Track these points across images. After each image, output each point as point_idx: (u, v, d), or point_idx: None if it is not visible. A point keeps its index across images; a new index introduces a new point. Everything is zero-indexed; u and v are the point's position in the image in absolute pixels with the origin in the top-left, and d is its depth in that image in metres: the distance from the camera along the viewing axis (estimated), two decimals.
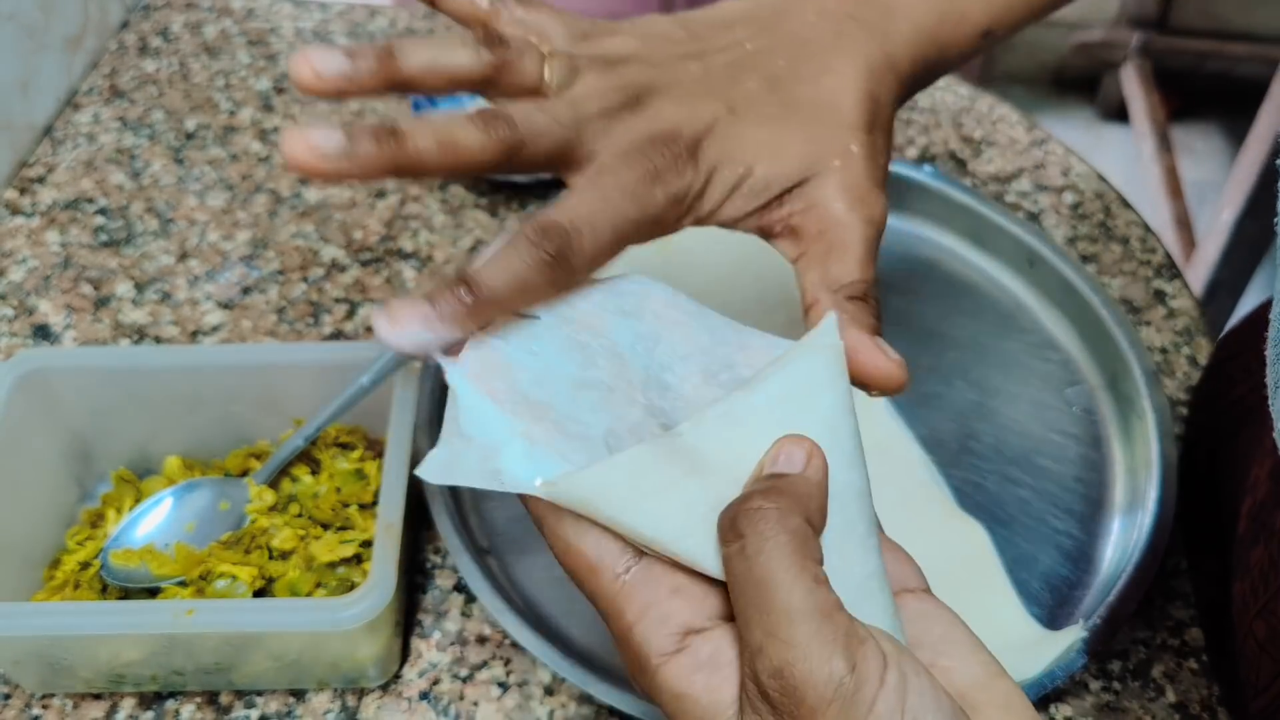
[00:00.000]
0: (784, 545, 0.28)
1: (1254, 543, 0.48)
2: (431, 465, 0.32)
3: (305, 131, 0.34)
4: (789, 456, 0.31)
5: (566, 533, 0.31)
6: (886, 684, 0.27)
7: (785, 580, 0.28)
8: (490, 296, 0.33)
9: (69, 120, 0.79)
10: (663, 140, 0.37)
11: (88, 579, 0.52)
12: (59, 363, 0.54)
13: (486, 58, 0.38)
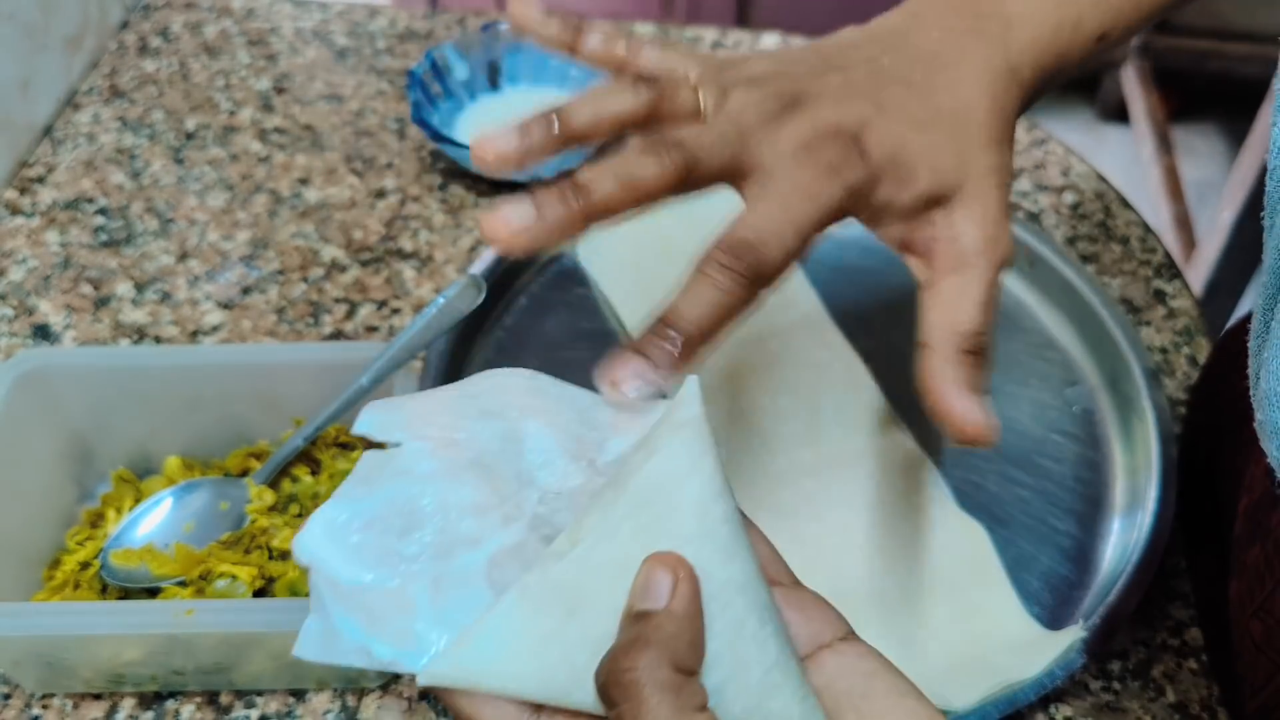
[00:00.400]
0: (658, 707, 0.28)
1: (1251, 542, 0.48)
2: (307, 640, 0.32)
3: (499, 212, 0.35)
4: (654, 588, 0.30)
5: (462, 707, 0.31)
6: None
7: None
8: (696, 331, 0.34)
9: (69, 120, 0.79)
10: (829, 134, 0.38)
11: (88, 579, 0.52)
12: (59, 362, 0.54)
13: (645, 95, 0.40)
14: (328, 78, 0.82)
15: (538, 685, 0.30)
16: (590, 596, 0.30)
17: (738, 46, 0.85)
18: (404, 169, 0.75)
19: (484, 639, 0.30)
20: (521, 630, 0.30)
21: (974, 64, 0.42)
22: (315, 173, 0.75)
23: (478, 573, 0.32)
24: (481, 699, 0.30)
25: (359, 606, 0.31)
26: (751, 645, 0.30)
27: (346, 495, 0.33)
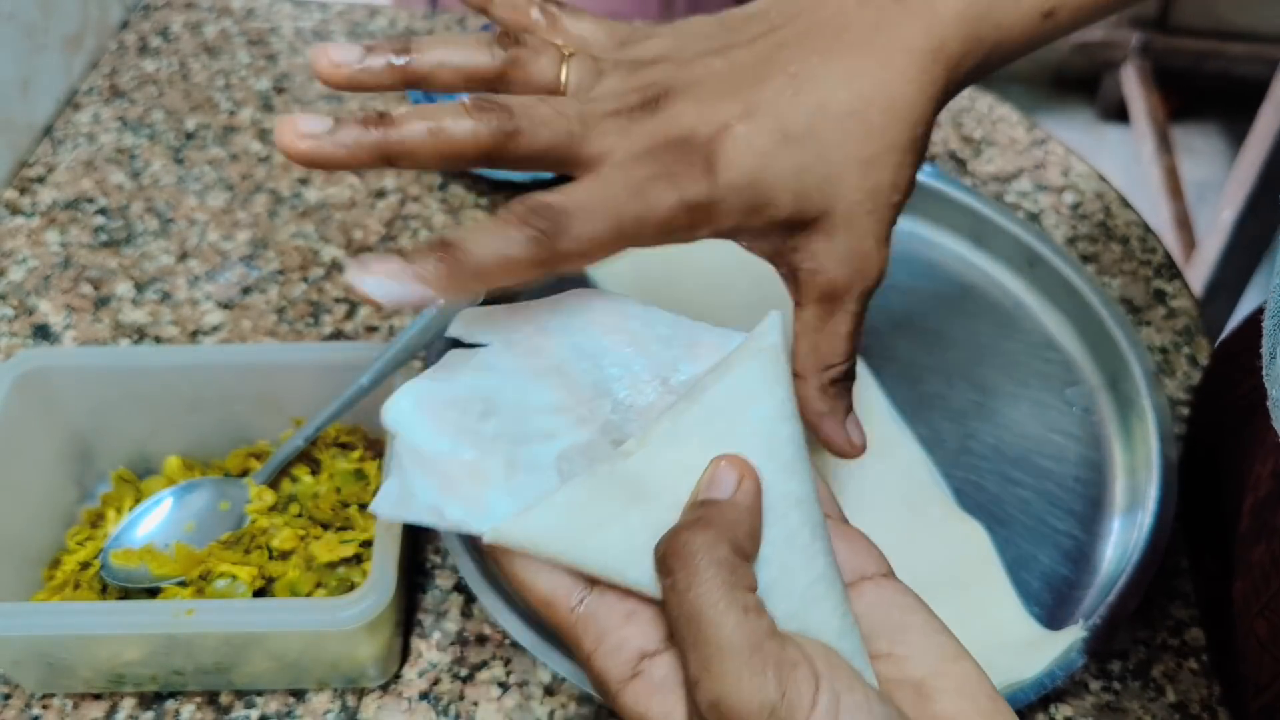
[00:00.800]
0: (712, 579, 0.29)
1: (1255, 541, 0.48)
2: (384, 501, 0.33)
3: (296, 118, 0.35)
4: (720, 481, 0.31)
5: (519, 572, 0.32)
6: (818, 706, 0.28)
7: (714, 615, 0.28)
8: (470, 264, 0.33)
9: (69, 120, 0.79)
10: (677, 144, 0.36)
11: (88, 579, 0.52)
12: (59, 362, 0.54)
13: (500, 55, 0.38)
14: None
15: (596, 558, 0.31)
16: (654, 489, 0.32)
17: None
18: (404, 169, 0.75)
19: (550, 511, 0.32)
20: (586, 508, 0.31)
21: (886, 44, 0.37)
22: (315, 173, 0.75)
23: (548, 463, 0.34)
24: (539, 567, 0.32)
25: (436, 472, 0.33)
26: (801, 556, 0.32)
27: (432, 377, 0.35)
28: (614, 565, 0.31)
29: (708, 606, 0.28)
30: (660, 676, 0.30)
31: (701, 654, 0.28)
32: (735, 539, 0.30)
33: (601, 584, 0.32)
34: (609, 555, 0.31)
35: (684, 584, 0.29)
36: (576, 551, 0.31)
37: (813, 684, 0.28)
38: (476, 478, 0.33)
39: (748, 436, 0.32)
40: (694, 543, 0.29)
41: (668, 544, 0.30)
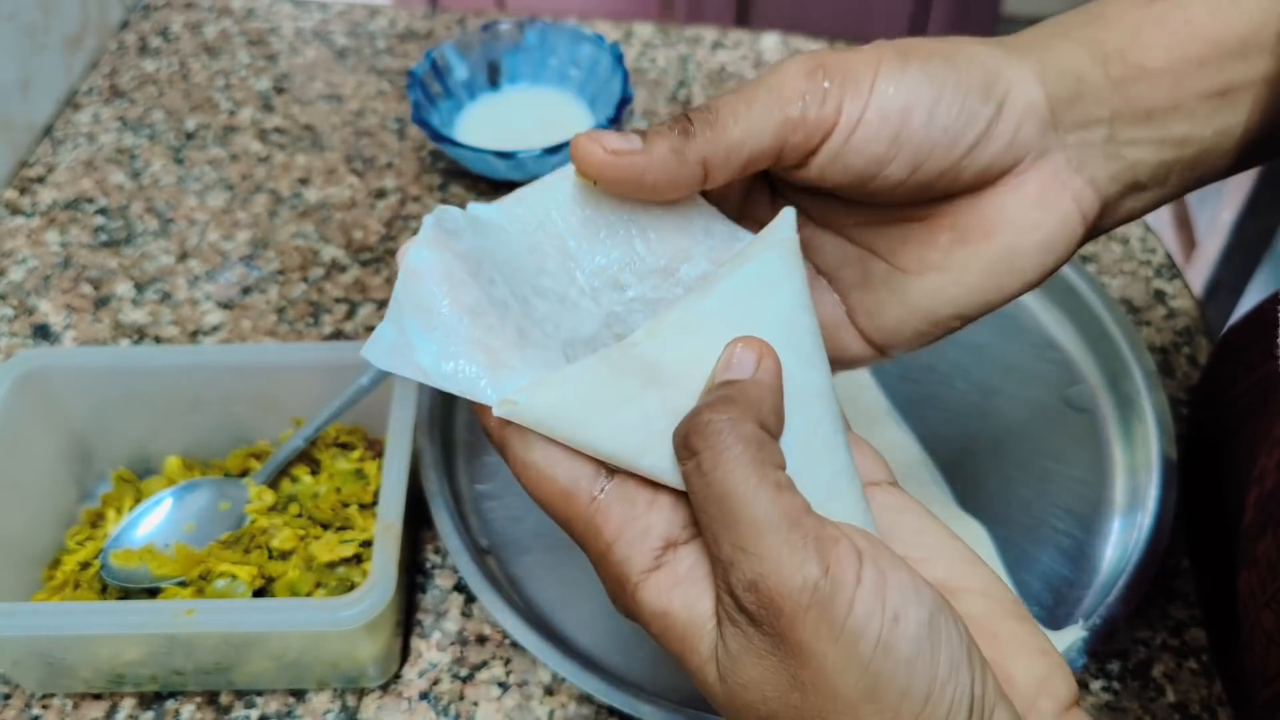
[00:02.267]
0: (740, 456, 0.27)
1: (1261, 533, 0.48)
2: (377, 346, 0.30)
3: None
4: (740, 361, 0.30)
5: (536, 459, 0.30)
6: (863, 582, 0.27)
7: (746, 491, 0.27)
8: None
9: (69, 120, 0.79)
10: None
11: (88, 579, 0.52)
12: (59, 362, 0.54)
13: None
14: (328, 78, 0.82)
15: (613, 441, 0.29)
16: (671, 373, 0.30)
17: (737, 46, 0.85)
18: (404, 169, 0.75)
19: (565, 386, 0.29)
20: (602, 388, 0.29)
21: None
22: (315, 173, 0.75)
23: (555, 344, 0.32)
24: (559, 455, 0.30)
25: (442, 326, 0.30)
26: (823, 449, 0.31)
27: (441, 226, 0.32)
28: (631, 450, 0.29)
29: (739, 483, 0.27)
30: (685, 568, 0.29)
31: (735, 533, 0.27)
32: (761, 415, 0.29)
33: (621, 472, 0.30)
34: (627, 438, 0.29)
35: (710, 463, 0.27)
36: (594, 432, 0.29)
37: (856, 560, 0.27)
38: (486, 340, 0.30)
39: (766, 326, 0.31)
40: (718, 420, 0.28)
41: (689, 424, 0.28)
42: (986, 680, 0.28)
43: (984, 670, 0.28)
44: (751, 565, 0.27)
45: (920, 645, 0.27)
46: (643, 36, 0.85)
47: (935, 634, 0.27)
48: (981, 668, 0.28)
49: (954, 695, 0.27)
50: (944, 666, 0.27)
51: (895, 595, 0.27)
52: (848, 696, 0.27)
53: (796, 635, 0.26)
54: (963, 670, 0.27)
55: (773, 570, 0.26)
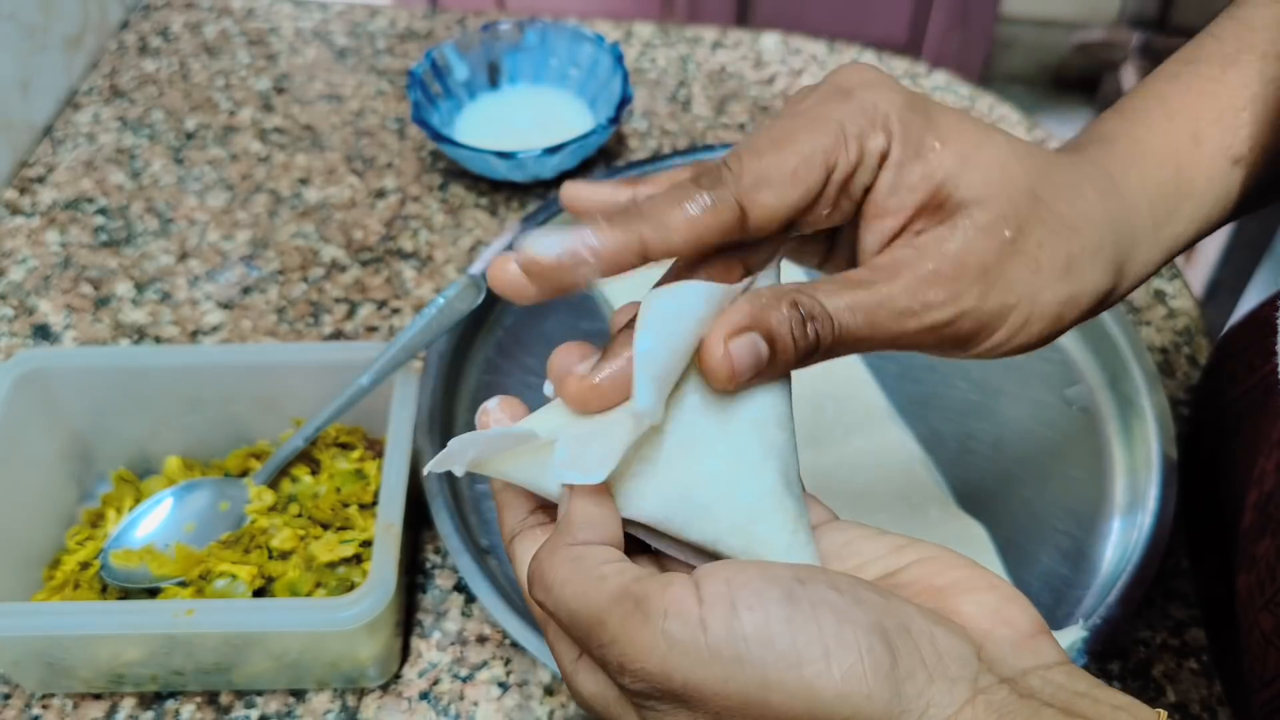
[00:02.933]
0: (566, 580, 0.29)
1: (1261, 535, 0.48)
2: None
3: (520, 252, 0.32)
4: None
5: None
6: (706, 600, 0.27)
7: (578, 605, 0.29)
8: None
9: (69, 120, 0.79)
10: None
11: (88, 579, 0.52)
12: (59, 363, 0.54)
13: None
14: (328, 78, 0.82)
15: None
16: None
17: (738, 46, 0.85)
18: (404, 169, 0.75)
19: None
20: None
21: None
22: (315, 173, 0.75)
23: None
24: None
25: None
26: (749, 473, 0.31)
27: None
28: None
29: (570, 599, 0.29)
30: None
31: (593, 640, 0.28)
32: (572, 533, 0.30)
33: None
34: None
35: (552, 603, 0.29)
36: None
37: (692, 588, 0.28)
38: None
39: (680, 359, 0.31)
40: (540, 563, 0.30)
41: (529, 582, 0.31)
42: (907, 621, 0.28)
43: (897, 612, 0.28)
44: (613, 654, 0.28)
45: (786, 617, 0.27)
46: (643, 36, 0.85)
47: (798, 604, 0.27)
48: (895, 615, 0.28)
49: (854, 640, 0.27)
50: (828, 624, 0.27)
51: (744, 594, 0.27)
52: (749, 697, 0.27)
53: (679, 681, 0.27)
54: (856, 623, 0.27)
55: (625, 644, 0.27)
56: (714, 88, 0.81)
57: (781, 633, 0.27)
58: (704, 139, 0.77)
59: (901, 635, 0.27)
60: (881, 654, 0.27)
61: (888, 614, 0.28)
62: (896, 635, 0.27)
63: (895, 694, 0.26)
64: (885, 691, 0.26)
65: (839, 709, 0.26)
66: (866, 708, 0.26)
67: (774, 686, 0.26)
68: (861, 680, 0.26)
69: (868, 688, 0.26)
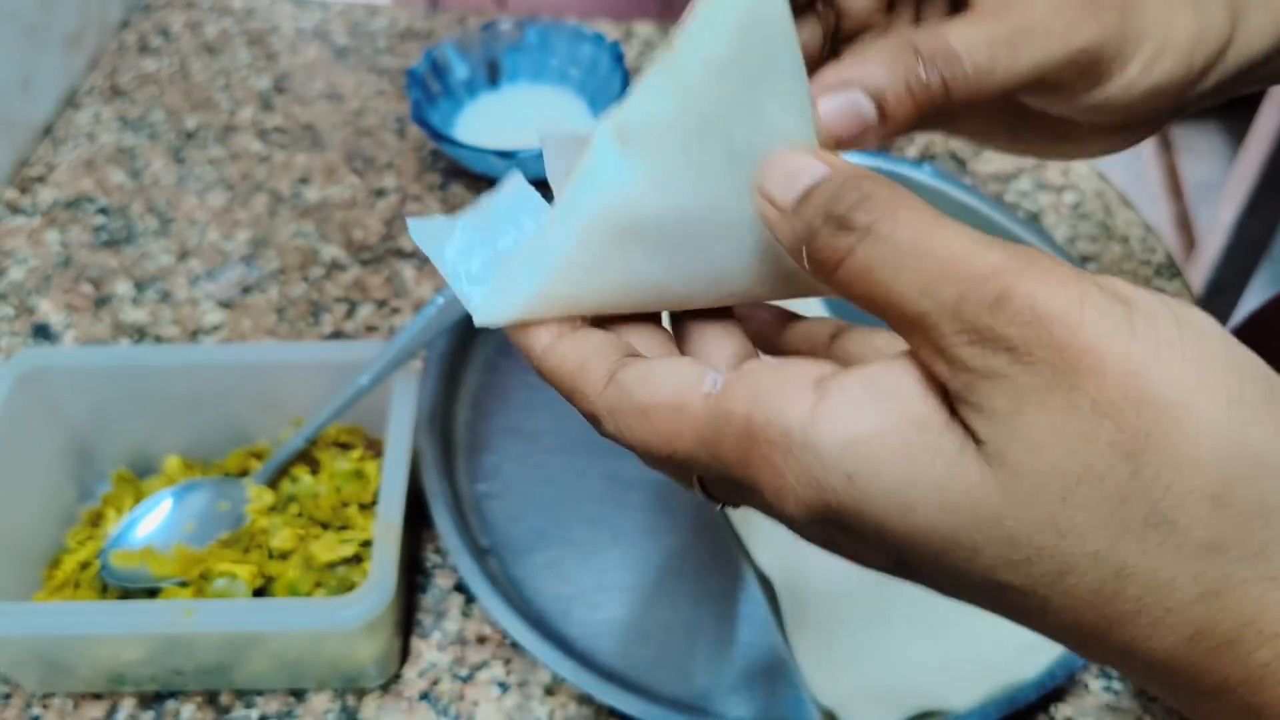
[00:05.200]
0: (917, 204, 0.24)
1: None
2: (425, 225, 0.29)
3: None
4: (803, 170, 0.25)
5: (636, 392, 0.26)
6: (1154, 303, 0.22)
7: (942, 229, 0.24)
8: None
9: (69, 119, 0.79)
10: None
11: (88, 579, 0.52)
12: (59, 362, 0.54)
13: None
14: (328, 77, 0.82)
15: (625, 290, 0.27)
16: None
17: None
18: (404, 168, 0.75)
19: (537, 264, 0.27)
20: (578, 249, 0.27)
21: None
22: (315, 172, 0.75)
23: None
24: (569, 346, 0.27)
25: (492, 241, 0.29)
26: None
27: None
28: (650, 290, 0.27)
29: (932, 224, 0.24)
30: (860, 390, 0.23)
31: (946, 270, 0.23)
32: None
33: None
34: (639, 284, 0.27)
35: (888, 226, 0.24)
36: (590, 297, 0.27)
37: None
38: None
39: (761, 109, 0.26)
40: (878, 191, 0.24)
41: (840, 201, 0.24)
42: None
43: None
44: (988, 287, 0.21)
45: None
46: (643, 35, 0.85)
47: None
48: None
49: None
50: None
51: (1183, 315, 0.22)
52: (1203, 404, 0.21)
53: (1081, 341, 0.21)
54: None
55: (1021, 272, 0.21)
56: None
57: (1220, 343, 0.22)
58: None
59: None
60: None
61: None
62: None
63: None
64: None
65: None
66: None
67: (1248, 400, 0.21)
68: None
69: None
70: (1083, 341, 0.21)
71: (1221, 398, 0.21)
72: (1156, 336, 0.21)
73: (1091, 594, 0.21)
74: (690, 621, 0.52)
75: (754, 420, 0.24)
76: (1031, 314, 0.21)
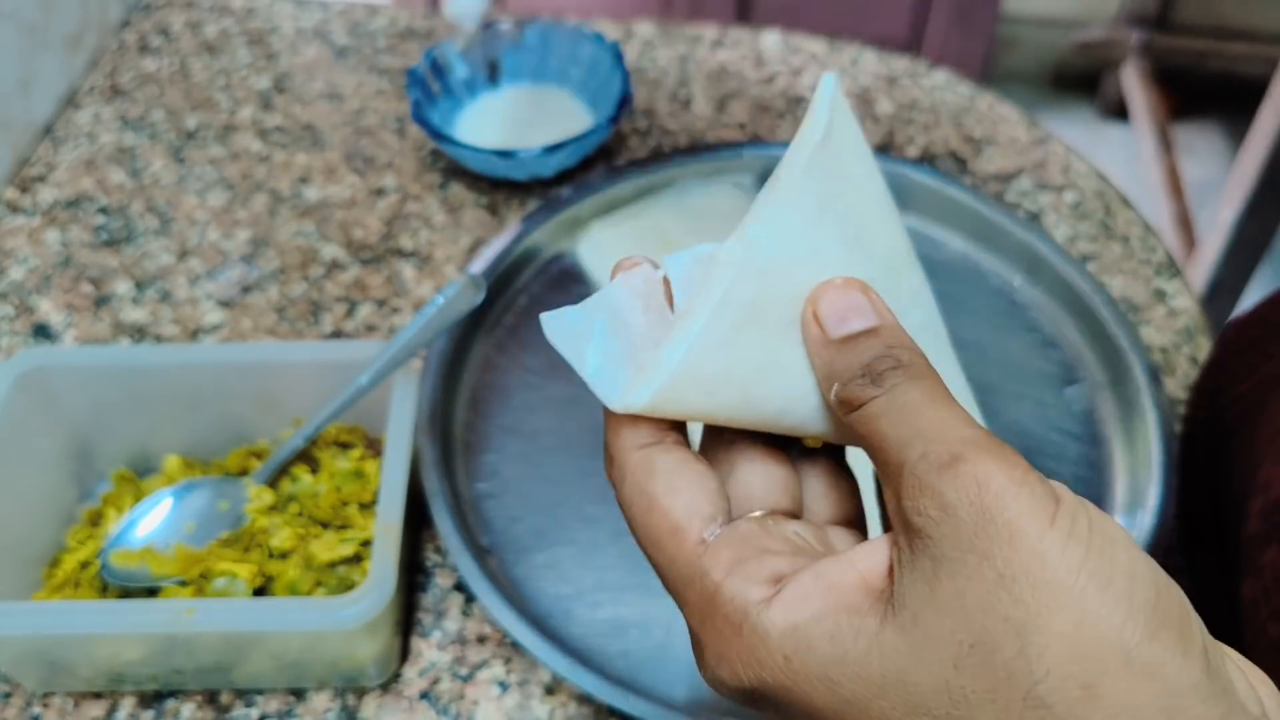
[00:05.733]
0: (933, 378, 0.27)
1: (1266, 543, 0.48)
2: (559, 324, 0.30)
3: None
4: (858, 309, 0.28)
5: (655, 488, 0.29)
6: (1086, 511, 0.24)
7: (944, 406, 0.26)
8: None
9: (69, 119, 0.79)
10: None
11: (88, 578, 0.52)
12: (59, 362, 0.54)
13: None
14: (328, 77, 0.82)
15: (750, 402, 0.29)
16: (775, 310, 0.29)
17: (738, 45, 0.85)
18: (404, 168, 0.75)
19: (680, 356, 0.28)
20: (726, 347, 0.29)
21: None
22: (315, 171, 0.75)
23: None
24: (681, 488, 0.29)
25: (623, 336, 0.30)
26: (930, 354, 0.30)
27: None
28: (774, 406, 0.29)
29: (937, 394, 0.27)
30: (810, 583, 0.26)
31: (936, 431, 0.25)
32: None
33: (734, 516, 0.29)
34: (765, 394, 0.29)
35: (904, 389, 0.27)
36: (724, 398, 0.28)
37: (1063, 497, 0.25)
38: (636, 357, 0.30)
39: (855, 229, 0.29)
40: (907, 358, 0.27)
41: (871, 365, 0.28)
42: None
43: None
44: (947, 451, 0.25)
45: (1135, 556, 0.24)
46: (643, 35, 0.85)
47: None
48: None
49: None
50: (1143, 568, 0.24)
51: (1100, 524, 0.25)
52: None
53: (1005, 514, 0.24)
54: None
55: (982, 448, 0.24)
56: (714, 86, 0.81)
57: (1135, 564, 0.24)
58: (704, 138, 0.77)
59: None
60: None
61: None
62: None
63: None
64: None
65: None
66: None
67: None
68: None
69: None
70: (1006, 515, 0.24)
71: (1110, 595, 0.23)
72: (1070, 529, 0.24)
73: None
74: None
75: (722, 591, 0.27)
76: (971, 480, 0.24)
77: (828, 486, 0.32)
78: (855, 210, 0.30)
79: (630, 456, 0.30)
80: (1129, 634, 0.23)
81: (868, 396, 0.27)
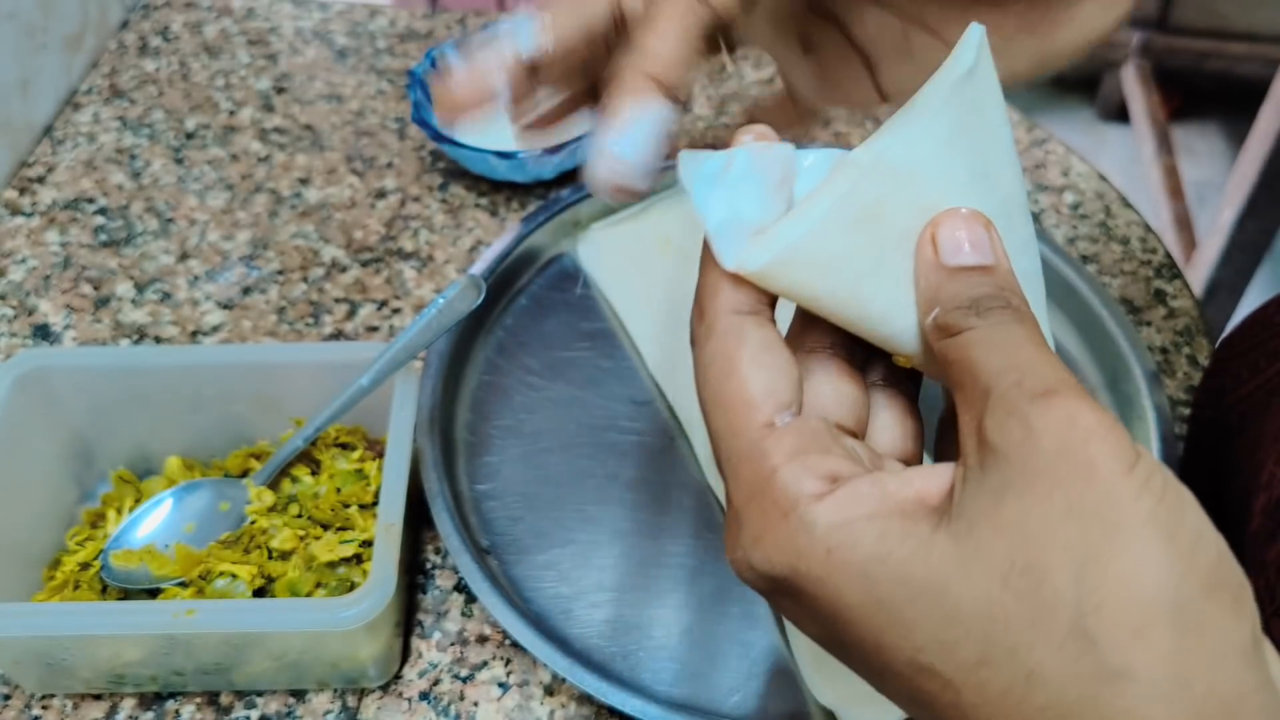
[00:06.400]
0: (1030, 320, 0.27)
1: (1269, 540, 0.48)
2: (696, 166, 0.31)
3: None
4: (978, 244, 0.28)
5: (742, 355, 0.29)
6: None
7: (1035, 342, 0.27)
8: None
9: (69, 120, 0.79)
10: None
11: (88, 579, 0.52)
12: (59, 362, 0.54)
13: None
14: (328, 77, 0.82)
15: (859, 301, 0.29)
16: (894, 230, 0.29)
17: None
18: (404, 169, 0.75)
19: (804, 235, 0.29)
20: (845, 236, 0.29)
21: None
22: (315, 172, 0.75)
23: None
24: (767, 359, 0.29)
25: (760, 194, 0.30)
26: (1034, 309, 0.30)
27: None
28: (877, 311, 0.29)
29: (1031, 332, 0.27)
30: (865, 489, 0.26)
31: (1021, 357, 0.26)
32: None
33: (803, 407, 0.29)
34: (872, 296, 0.29)
35: (999, 326, 0.27)
36: (835, 287, 0.29)
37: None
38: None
39: (978, 172, 0.30)
40: (1013, 301, 0.28)
41: (978, 297, 0.28)
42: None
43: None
44: (1043, 384, 0.25)
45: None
46: None
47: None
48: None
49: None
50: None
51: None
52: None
53: (1088, 451, 0.24)
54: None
55: (1077, 392, 0.25)
56: (714, 87, 0.81)
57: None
58: (704, 139, 0.77)
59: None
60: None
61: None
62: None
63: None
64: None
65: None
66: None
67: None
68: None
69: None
70: (1088, 452, 0.24)
71: (1173, 548, 0.23)
72: (1146, 480, 0.24)
73: (1000, 695, 0.23)
74: (690, 621, 0.52)
75: (779, 476, 0.27)
76: (1063, 413, 0.24)
77: (896, 421, 0.32)
78: (984, 147, 0.30)
79: (723, 318, 0.29)
80: (1186, 588, 0.23)
81: (969, 325, 0.27)
